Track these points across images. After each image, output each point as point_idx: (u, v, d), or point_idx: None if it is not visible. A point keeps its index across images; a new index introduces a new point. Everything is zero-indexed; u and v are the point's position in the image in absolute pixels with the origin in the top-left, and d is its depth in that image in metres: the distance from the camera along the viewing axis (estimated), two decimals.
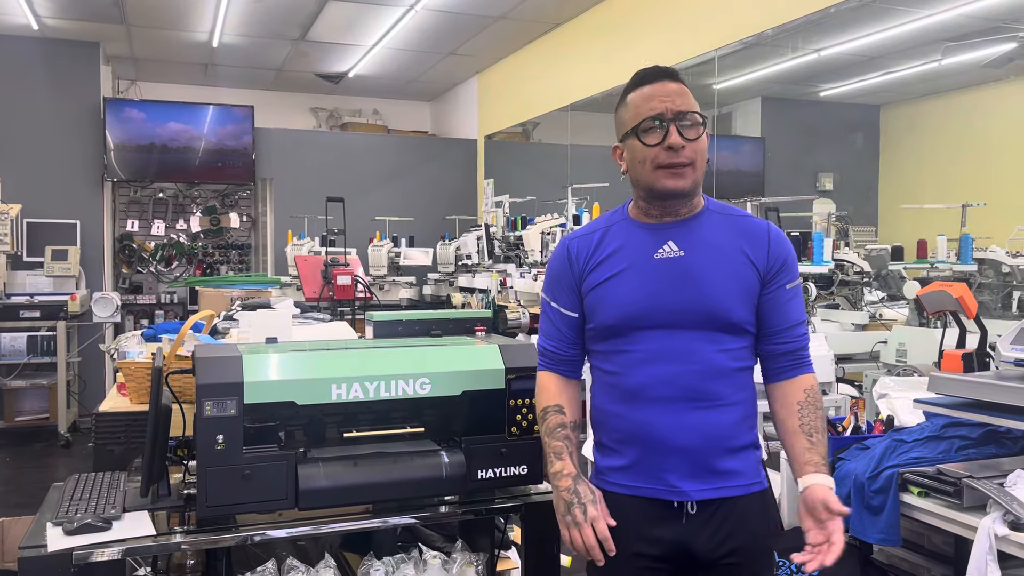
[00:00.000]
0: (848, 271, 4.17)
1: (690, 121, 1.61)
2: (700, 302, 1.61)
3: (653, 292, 1.62)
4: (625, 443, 1.66)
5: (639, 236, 1.68)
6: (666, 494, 1.61)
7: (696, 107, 1.63)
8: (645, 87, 1.65)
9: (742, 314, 1.63)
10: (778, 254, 1.66)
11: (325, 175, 7.91)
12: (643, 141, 1.62)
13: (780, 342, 1.68)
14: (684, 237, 1.65)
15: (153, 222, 7.94)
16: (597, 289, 1.67)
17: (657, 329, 1.62)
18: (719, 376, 1.62)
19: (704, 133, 1.63)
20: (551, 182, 6.79)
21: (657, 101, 1.61)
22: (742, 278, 1.63)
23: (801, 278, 1.75)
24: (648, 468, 1.63)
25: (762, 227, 1.69)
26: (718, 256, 1.63)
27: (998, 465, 2.16)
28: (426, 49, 7.38)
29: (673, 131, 1.59)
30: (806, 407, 1.65)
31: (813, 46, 4.99)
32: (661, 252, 1.64)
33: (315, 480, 1.77)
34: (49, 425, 6.63)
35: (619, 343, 1.65)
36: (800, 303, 1.71)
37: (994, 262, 3.95)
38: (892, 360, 3.47)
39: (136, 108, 7.60)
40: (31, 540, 1.66)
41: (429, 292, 7.42)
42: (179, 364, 2.14)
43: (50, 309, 6.32)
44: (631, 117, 1.65)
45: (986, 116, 4.80)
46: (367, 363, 1.88)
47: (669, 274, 1.63)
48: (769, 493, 1.72)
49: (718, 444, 1.61)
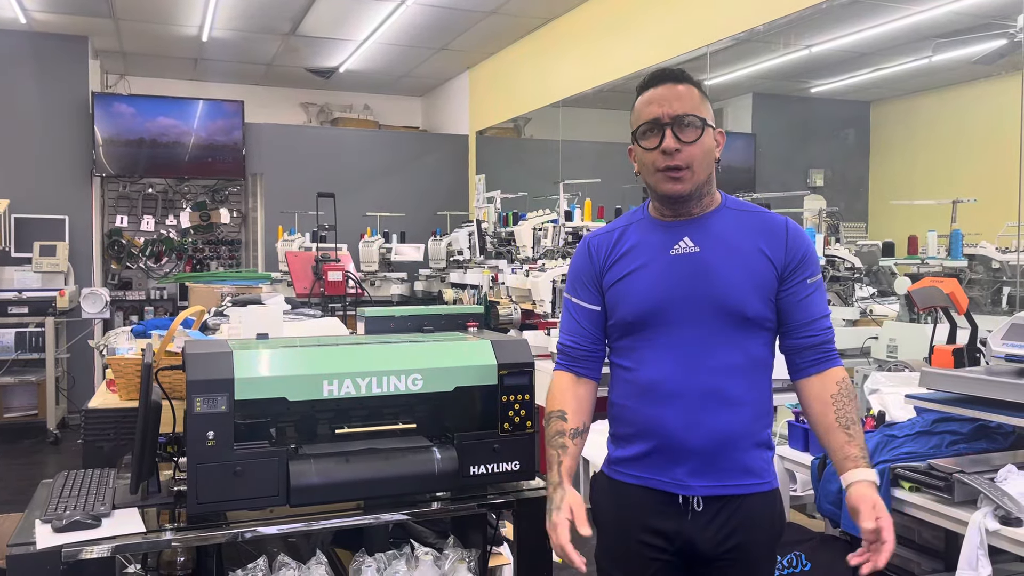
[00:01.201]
0: (839, 267, 4.18)
1: (687, 123, 1.61)
2: (715, 296, 1.62)
3: (670, 287, 1.64)
4: (638, 436, 1.68)
5: (656, 233, 1.70)
6: (673, 487, 1.63)
7: (699, 109, 1.63)
8: (648, 91, 1.66)
9: (757, 308, 1.63)
10: (796, 249, 1.67)
11: (316, 170, 7.88)
12: (641, 145, 1.65)
13: (804, 336, 1.68)
14: (699, 233, 1.67)
15: (142, 217, 7.90)
16: (617, 285, 1.70)
17: (674, 324, 1.64)
18: (734, 374, 1.63)
19: (705, 134, 1.63)
20: (542, 178, 6.78)
21: (655, 105, 1.63)
22: (758, 273, 1.64)
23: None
24: (658, 462, 1.65)
25: (780, 223, 1.70)
26: (733, 252, 1.65)
27: (989, 460, 2.16)
28: (417, 44, 7.36)
29: (668, 135, 1.60)
30: (840, 399, 1.65)
31: (804, 42, 5.00)
32: (677, 248, 1.66)
33: (306, 477, 1.76)
34: (38, 422, 6.60)
35: (637, 339, 1.68)
36: (822, 297, 1.71)
37: (984, 258, 3.96)
38: (883, 356, 3.47)
39: (125, 103, 7.56)
40: (19, 537, 1.65)
41: (420, 288, 7.41)
42: (169, 360, 2.13)
43: (38, 305, 6.28)
44: (633, 121, 1.68)
45: (977, 112, 4.81)
46: (359, 359, 1.87)
47: (685, 269, 1.64)
48: (778, 493, 1.72)
49: (730, 442, 1.62)
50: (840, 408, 1.64)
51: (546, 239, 5.73)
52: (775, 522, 1.69)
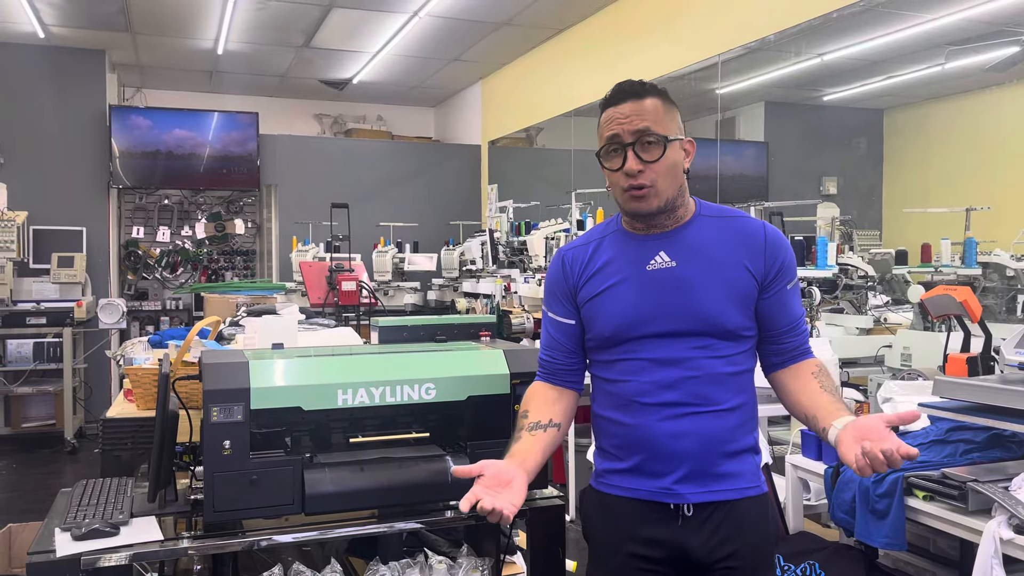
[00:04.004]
0: (852, 275, 4.17)
1: (649, 140, 1.57)
2: (695, 312, 1.61)
3: (648, 303, 1.62)
4: (624, 448, 1.66)
5: (631, 247, 1.68)
6: (663, 496, 1.62)
7: (661, 123, 1.58)
8: (608, 108, 1.63)
9: (738, 320, 1.63)
10: (775, 257, 1.65)
11: (329, 181, 7.93)
12: (605, 166, 1.63)
13: (784, 340, 1.69)
14: (675, 247, 1.65)
15: (158, 229, 7.97)
16: (593, 301, 1.68)
17: (653, 338, 1.62)
18: (717, 381, 1.62)
19: (670, 149, 1.58)
20: (555, 187, 6.80)
21: (615, 124, 1.60)
22: (737, 284, 1.63)
23: (804, 282, 1.76)
24: (646, 472, 1.63)
25: (757, 228, 1.67)
26: (711, 264, 1.63)
27: (1003, 469, 2.16)
28: (430, 55, 7.41)
29: (630, 156, 1.58)
30: (821, 376, 1.66)
31: (816, 51, 5.00)
32: (653, 263, 1.64)
33: (321, 485, 1.78)
34: (55, 431, 6.65)
35: (617, 352, 1.66)
36: (798, 297, 1.72)
37: (998, 266, 3.95)
38: (897, 364, 3.46)
39: (141, 115, 7.64)
40: (40, 546, 1.68)
41: (433, 297, 7.44)
42: (186, 370, 2.15)
43: (56, 316, 6.34)
44: (598, 140, 1.65)
45: (990, 120, 4.79)
46: (372, 368, 1.89)
47: (663, 285, 1.63)
48: (768, 498, 1.72)
49: (716, 448, 1.61)
50: (823, 381, 1.65)
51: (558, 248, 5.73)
52: (768, 526, 1.68)
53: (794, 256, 1.72)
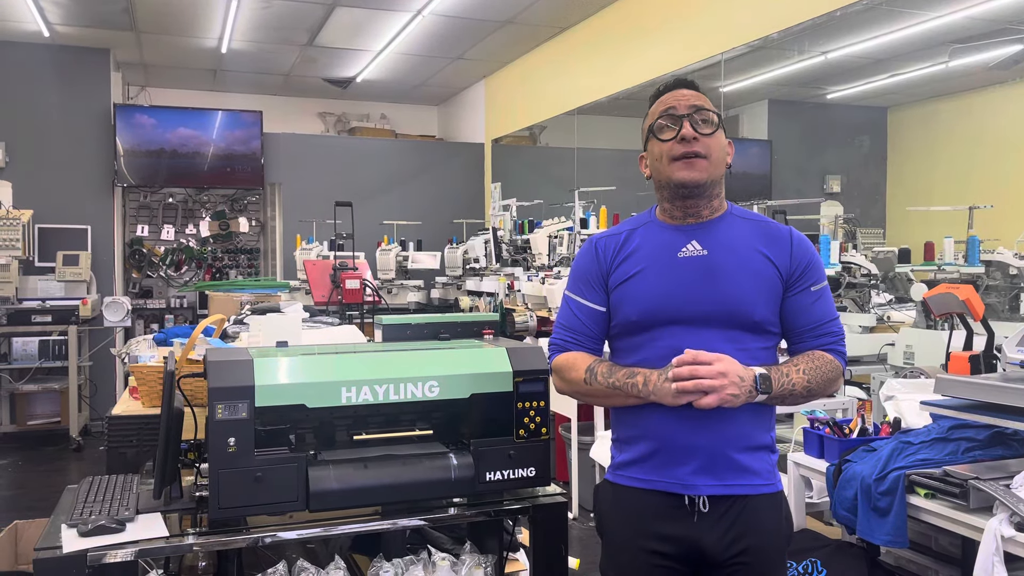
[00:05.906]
0: (855, 273, 4.17)
1: (704, 117, 1.65)
2: (723, 300, 1.63)
3: (676, 289, 1.65)
4: (641, 438, 1.68)
5: (664, 236, 1.72)
6: (678, 488, 1.64)
7: (713, 108, 1.69)
8: (664, 95, 1.71)
9: (764, 313, 1.65)
10: (801, 257, 1.69)
11: (333, 179, 7.95)
12: (658, 137, 1.67)
13: (814, 337, 1.69)
14: (707, 237, 1.69)
15: (163, 227, 7.99)
16: (623, 285, 1.71)
17: (678, 325, 1.64)
18: None
19: (720, 131, 1.67)
20: (558, 186, 6.81)
21: (672, 99, 1.68)
22: (765, 278, 1.66)
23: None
24: (662, 463, 1.65)
25: (784, 232, 1.72)
26: (741, 257, 1.66)
27: (1005, 467, 2.16)
28: (433, 54, 7.42)
29: (686, 124, 1.64)
30: (817, 358, 1.66)
31: (819, 49, 4.99)
32: (685, 251, 1.68)
33: (325, 482, 1.79)
34: (61, 429, 6.68)
35: (641, 339, 1.68)
36: (828, 304, 1.72)
37: (1001, 264, 3.94)
38: (899, 362, 3.46)
39: (146, 114, 7.66)
40: (46, 542, 1.69)
41: (437, 296, 7.45)
42: (191, 368, 2.17)
43: (61, 314, 6.36)
44: (649, 119, 1.71)
45: (994, 118, 4.79)
46: (376, 366, 1.90)
47: (692, 272, 1.66)
48: (783, 497, 1.73)
49: (733, 443, 1.63)
50: (813, 358, 1.66)
51: (561, 247, 5.75)
52: (782, 525, 1.69)
53: (821, 261, 1.74)
